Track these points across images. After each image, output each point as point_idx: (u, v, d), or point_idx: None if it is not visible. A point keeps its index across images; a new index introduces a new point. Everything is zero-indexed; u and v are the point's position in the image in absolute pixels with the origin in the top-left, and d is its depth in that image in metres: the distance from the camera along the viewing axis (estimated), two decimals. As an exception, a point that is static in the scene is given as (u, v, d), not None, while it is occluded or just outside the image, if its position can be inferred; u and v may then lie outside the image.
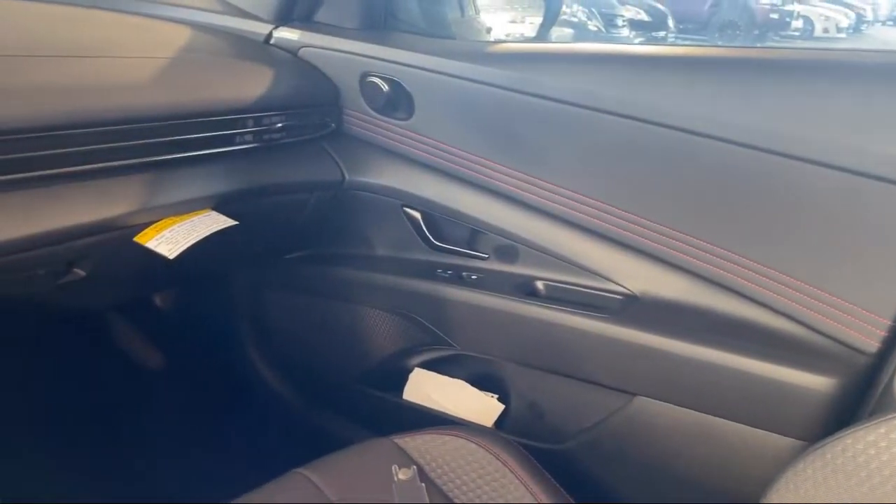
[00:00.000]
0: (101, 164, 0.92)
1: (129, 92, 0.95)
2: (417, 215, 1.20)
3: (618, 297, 1.06)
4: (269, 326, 1.41)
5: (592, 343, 1.02)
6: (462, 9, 1.45)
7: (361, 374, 1.32)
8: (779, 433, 0.93)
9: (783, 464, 0.74)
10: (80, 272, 0.97)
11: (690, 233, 0.99)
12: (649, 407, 1.01)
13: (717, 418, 0.96)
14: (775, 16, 8.74)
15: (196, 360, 1.47)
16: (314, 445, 0.98)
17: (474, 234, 1.18)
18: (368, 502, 0.85)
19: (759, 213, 0.94)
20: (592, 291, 1.08)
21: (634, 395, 1.02)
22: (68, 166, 0.89)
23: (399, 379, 1.27)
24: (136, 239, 0.96)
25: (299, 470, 0.88)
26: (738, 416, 0.95)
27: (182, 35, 1.14)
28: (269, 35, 1.21)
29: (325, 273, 1.30)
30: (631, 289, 1.05)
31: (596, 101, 1.00)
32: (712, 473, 0.99)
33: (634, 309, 1.03)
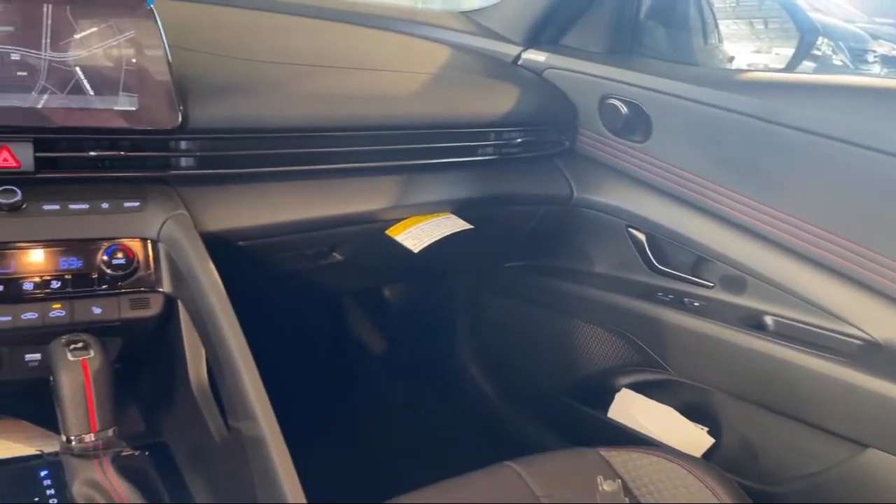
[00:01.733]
0: (365, 164, 1.05)
1: (394, 102, 1.08)
2: (642, 237, 1.21)
3: (856, 341, 1.00)
4: (483, 328, 1.49)
5: (824, 386, 0.97)
6: (706, 36, 1.45)
7: (567, 386, 1.35)
8: None
9: None
10: (339, 256, 1.10)
11: (951, 282, 0.91)
12: (884, 461, 0.93)
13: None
14: None
15: (413, 350, 1.58)
16: (512, 445, 1.02)
17: (700, 260, 1.16)
18: (573, 505, 0.87)
19: None
20: (827, 333, 1.02)
21: (867, 446, 0.95)
22: (341, 163, 1.02)
23: (604, 396, 1.28)
24: (388, 232, 1.07)
25: (509, 463, 0.93)
26: None
27: (440, 54, 1.26)
28: (518, 56, 1.30)
29: (543, 284, 1.35)
30: (872, 334, 0.99)
31: (850, 134, 0.96)
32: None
33: (876, 356, 0.96)
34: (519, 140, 1.19)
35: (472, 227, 1.13)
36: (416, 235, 1.08)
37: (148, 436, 0.91)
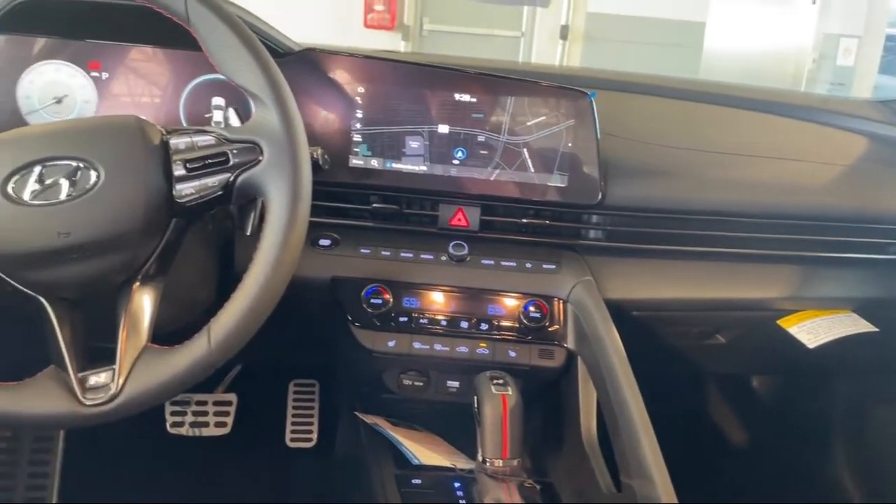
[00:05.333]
0: (765, 251, 1.05)
1: (804, 192, 1.06)
2: None
3: None
4: (866, 439, 1.34)
5: None
6: None
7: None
8: None
9: None
10: (721, 339, 1.11)
11: None
12: None
13: None
14: None
15: (778, 447, 1.48)
16: None
17: None
18: None
19: None
20: None
21: None
22: (740, 248, 1.04)
23: None
24: (780, 322, 1.05)
25: None
26: None
27: (856, 144, 1.20)
28: (949, 149, 1.18)
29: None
30: None
31: None
32: None
33: None
34: (943, 241, 1.08)
35: (876, 329, 1.05)
36: (811, 330, 1.04)
37: (534, 472, 1.02)
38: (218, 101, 0.95)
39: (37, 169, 0.64)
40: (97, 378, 0.65)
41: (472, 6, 4.37)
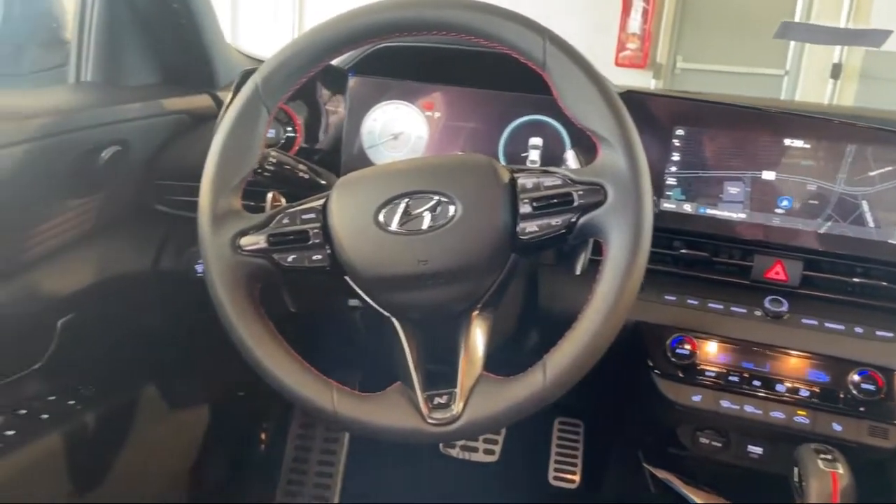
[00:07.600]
0: None
1: None
2: None
3: None
4: None
5: None
6: None
7: None
8: None
9: None
10: None
11: None
12: None
13: None
14: None
15: None
16: None
17: None
18: None
19: None
20: None
21: None
22: None
23: None
24: None
25: None
26: None
27: None
28: None
29: None
30: None
31: None
32: None
33: None
34: None
35: None
36: None
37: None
38: (535, 140, 0.98)
39: (404, 201, 0.70)
40: (439, 399, 0.68)
41: (728, 42, 4.15)
